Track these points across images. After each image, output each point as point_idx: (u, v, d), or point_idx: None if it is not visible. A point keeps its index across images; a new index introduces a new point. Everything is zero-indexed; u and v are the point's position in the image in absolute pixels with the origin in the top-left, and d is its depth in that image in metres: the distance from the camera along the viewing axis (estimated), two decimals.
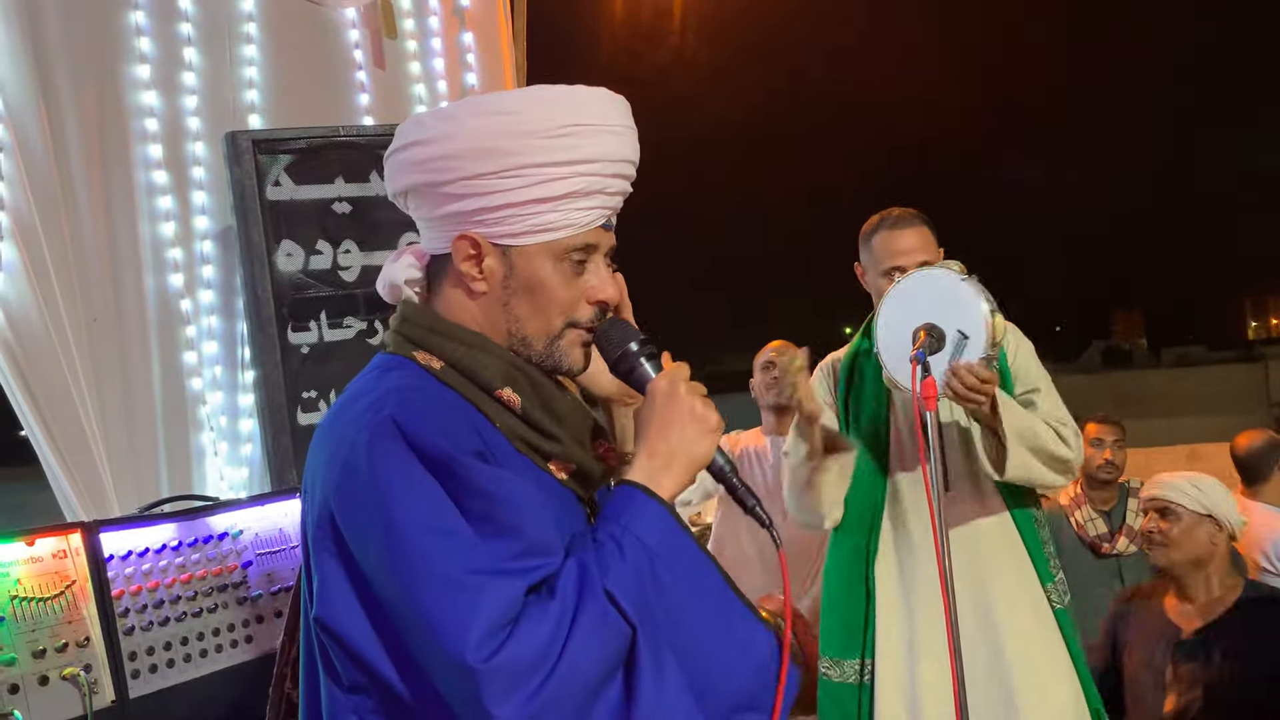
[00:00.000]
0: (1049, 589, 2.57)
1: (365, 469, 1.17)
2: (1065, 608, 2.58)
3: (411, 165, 1.29)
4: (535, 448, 1.29)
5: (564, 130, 1.25)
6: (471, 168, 1.25)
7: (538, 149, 1.24)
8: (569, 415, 1.32)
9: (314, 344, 2.90)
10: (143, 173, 2.84)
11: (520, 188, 1.24)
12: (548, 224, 1.26)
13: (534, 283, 1.28)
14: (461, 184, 1.25)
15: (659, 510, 1.22)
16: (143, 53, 2.86)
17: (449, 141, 1.26)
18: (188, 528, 2.31)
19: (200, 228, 2.93)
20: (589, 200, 1.28)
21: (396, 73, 3.39)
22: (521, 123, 1.25)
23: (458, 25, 3.56)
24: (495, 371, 1.28)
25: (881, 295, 2.52)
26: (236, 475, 2.94)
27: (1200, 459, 6.09)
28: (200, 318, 2.91)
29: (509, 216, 1.26)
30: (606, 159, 1.28)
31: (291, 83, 3.14)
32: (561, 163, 1.25)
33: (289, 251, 2.88)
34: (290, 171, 2.90)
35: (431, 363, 1.28)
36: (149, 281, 2.82)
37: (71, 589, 2.04)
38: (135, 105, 2.84)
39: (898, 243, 2.57)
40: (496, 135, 1.24)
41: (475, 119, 1.26)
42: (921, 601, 2.56)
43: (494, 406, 1.27)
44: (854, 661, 2.62)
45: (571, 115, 1.26)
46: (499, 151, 1.24)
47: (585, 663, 1.11)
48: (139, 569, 2.18)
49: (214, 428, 2.91)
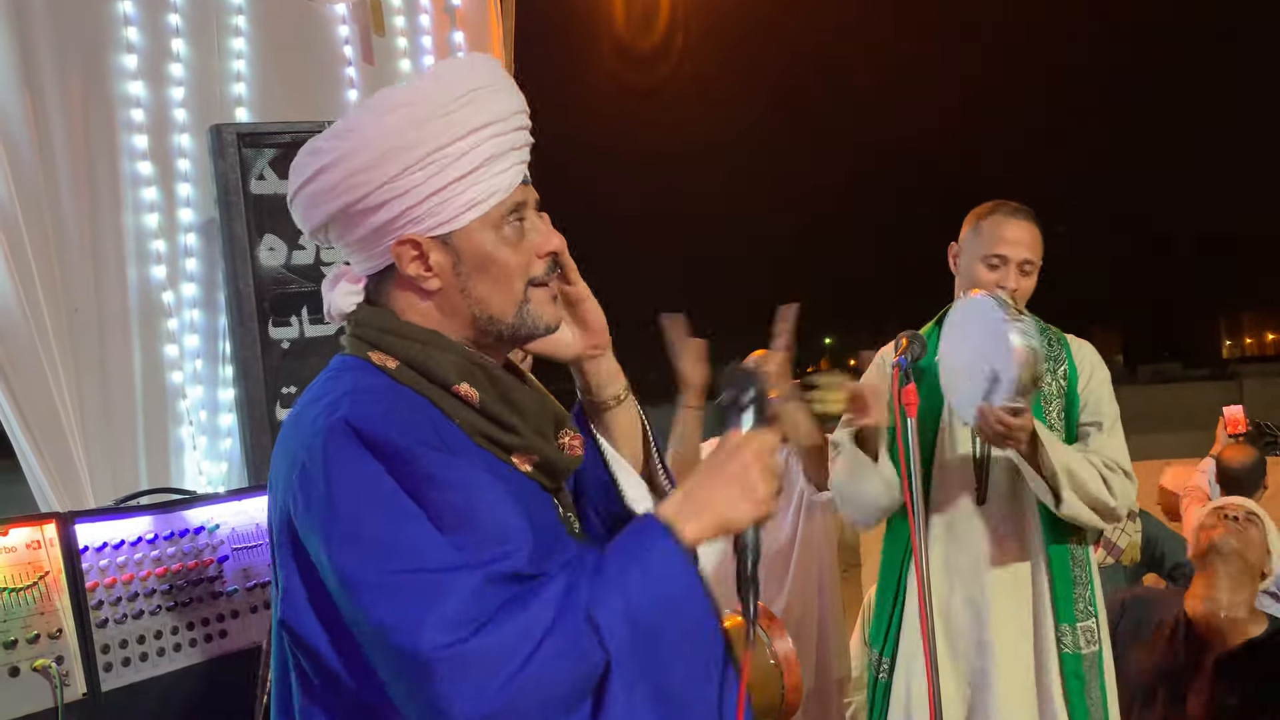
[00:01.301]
0: (1063, 629, 2.48)
1: (319, 474, 1.17)
2: (1080, 654, 2.47)
3: (323, 194, 1.28)
4: (495, 441, 1.28)
5: (456, 103, 1.24)
6: (385, 172, 1.23)
7: (439, 130, 1.24)
8: (529, 407, 1.32)
9: (295, 339, 2.88)
10: (127, 163, 2.82)
11: (436, 173, 1.24)
12: (474, 198, 1.26)
13: (483, 259, 1.28)
14: (379, 191, 1.24)
15: (674, 551, 1.20)
16: (130, 42, 2.84)
17: (352, 157, 1.24)
18: (164, 521, 2.29)
19: (184, 220, 2.91)
20: (504, 161, 1.27)
21: (385, 70, 3.38)
22: (415, 111, 1.24)
23: (448, 23, 3.56)
24: (450, 367, 1.27)
25: (972, 284, 2.47)
26: (215, 470, 2.92)
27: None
28: (182, 311, 2.89)
29: (436, 206, 1.25)
30: (504, 116, 1.28)
31: (279, 77, 3.13)
32: (464, 135, 1.24)
33: (271, 246, 2.87)
34: (275, 166, 2.89)
35: (386, 362, 1.28)
36: (131, 273, 2.80)
37: (45, 580, 2.03)
38: (121, 95, 2.83)
39: (1010, 230, 2.49)
40: (396, 132, 1.23)
41: (369, 125, 1.25)
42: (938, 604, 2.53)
43: (451, 402, 1.27)
44: (875, 651, 2.64)
45: (457, 87, 1.25)
46: (404, 147, 1.23)
47: (550, 676, 1.10)
48: (114, 561, 2.16)
49: (193, 421, 2.89)
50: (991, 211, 2.55)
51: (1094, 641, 2.52)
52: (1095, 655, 2.51)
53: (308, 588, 1.20)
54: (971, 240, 2.56)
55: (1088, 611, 2.52)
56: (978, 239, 2.54)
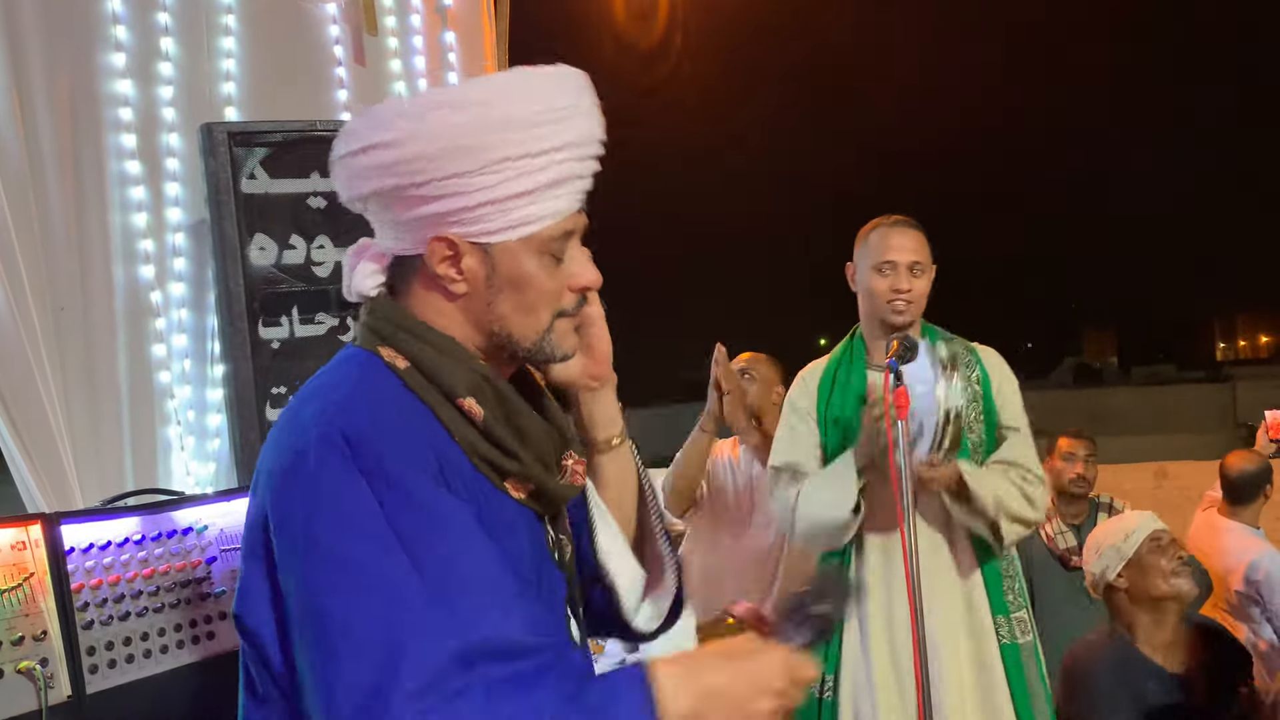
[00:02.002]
0: (999, 621, 2.56)
1: (305, 484, 1.12)
2: (1017, 643, 2.55)
3: (376, 169, 1.21)
4: (494, 465, 1.23)
5: (539, 117, 1.19)
6: (447, 167, 1.17)
7: (515, 141, 1.18)
8: (533, 433, 1.26)
9: (285, 339, 2.87)
10: (115, 162, 2.81)
11: (500, 183, 1.18)
12: (528, 217, 1.21)
13: (519, 279, 1.22)
14: (438, 184, 1.18)
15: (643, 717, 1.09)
16: (118, 41, 2.83)
17: (418, 141, 1.18)
18: (151, 522, 2.28)
19: (173, 220, 2.90)
20: (566, 187, 1.22)
21: (376, 70, 3.37)
22: (497, 115, 1.18)
23: (440, 24, 3.54)
24: (460, 379, 1.22)
25: (869, 294, 2.64)
26: (203, 470, 2.90)
27: (1168, 476, 6.15)
28: (170, 310, 2.88)
29: (488, 214, 1.19)
30: (582, 142, 1.23)
31: (269, 76, 3.11)
32: (539, 152, 1.19)
33: (262, 245, 2.85)
34: (266, 165, 2.87)
35: (396, 360, 1.22)
36: (118, 272, 2.79)
37: (30, 581, 2.01)
38: (109, 94, 2.81)
39: (894, 239, 2.65)
40: (471, 130, 1.17)
41: (444, 114, 1.18)
42: (880, 616, 2.56)
43: (453, 416, 1.21)
44: None
45: (545, 100, 1.20)
46: (475, 147, 1.17)
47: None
48: (100, 562, 2.14)
49: (181, 422, 2.87)
50: (876, 226, 2.71)
51: (1028, 631, 2.61)
52: (1031, 644, 2.60)
53: (270, 588, 1.15)
54: (862, 254, 2.71)
55: (1018, 603, 2.61)
56: (867, 251, 2.69)
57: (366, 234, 3.12)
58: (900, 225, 2.68)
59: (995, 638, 2.56)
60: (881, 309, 2.65)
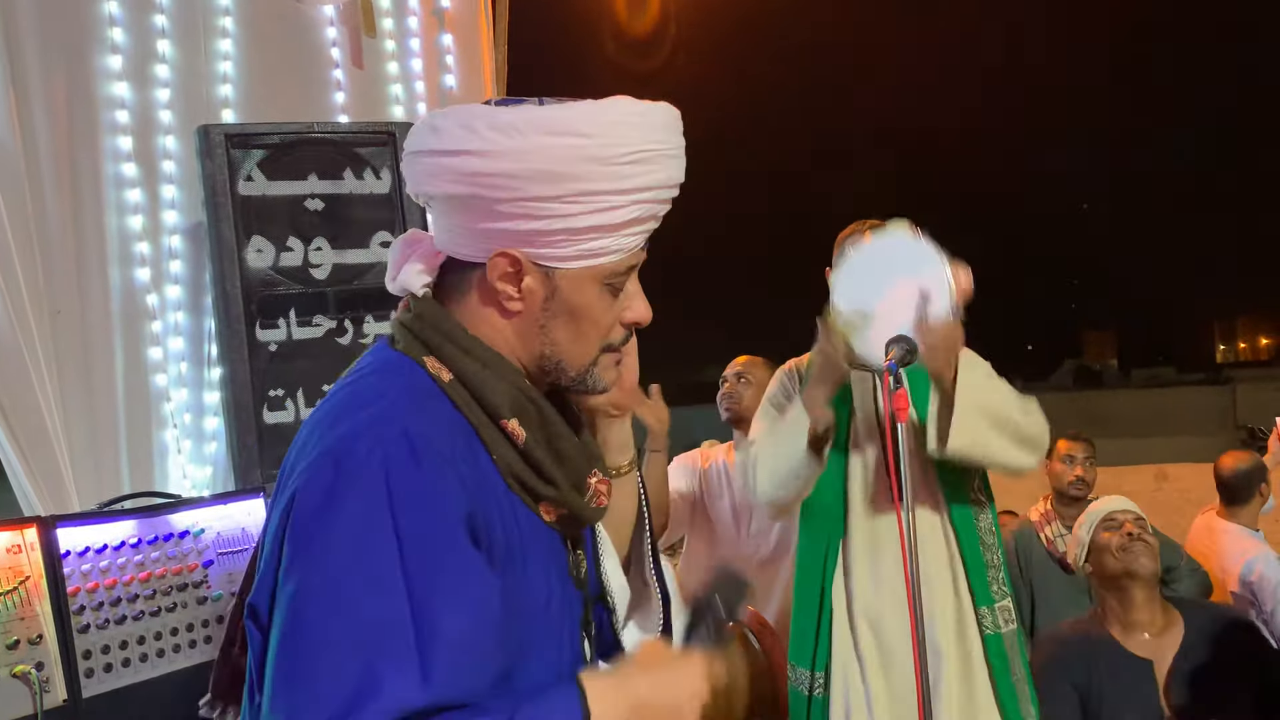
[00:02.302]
0: (982, 611, 2.54)
1: (332, 500, 1.10)
2: (1000, 633, 2.54)
3: (460, 175, 1.19)
4: (528, 487, 1.22)
5: (632, 157, 1.19)
6: (533, 189, 1.16)
7: (605, 175, 1.18)
8: (571, 456, 1.26)
9: (282, 342, 2.86)
10: (111, 165, 2.81)
11: (582, 214, 1.17)
12: (600, 250, 1.20)
13: (577, 307, 1.22)
14: (518, 204, 1.17)
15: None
16: (115, 43, 2.82)
17: (512, 160, 1.16)
18: (148, 525, 2.27)
19: (169, 222, 2.89)
20: (640, 225, 1.22)
21: (374, 72, 3.37)
22: (592, 147, 1.17)
23: (437, 26, 3.54)
24: (504, 398, 1.20)
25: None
26: (200, 473, 2.90)
27: (1168, 478, 6.14)
28: (167, 313, 2.87)
29: (562, 241, 1.18)
30: (665, 185, 1.23)
31: (266, 79, 3.11)
32: (626, 190, 1.19)
33: (259, 248, 2.85)
34: (263, 167, 2.87)
35: (441, 373, 1.20)
36: (115, 275, 2.78)
37: (25, 585, 2.00)
38: (106, 96, 2.81)
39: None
40: (565, 159, 1.16)
41: (544, 139, 1.16)
42: (869, 612, 2.56)
43: (495, 435, 1.20)
44: (805, 670, 2.62)
45: (640, 141, 1.19)
46: (565, 176, 1.16)
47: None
48: (96, 566, 2.14)
49: (178, 425, 2.87)
50: (850, 232, 2.70)
51: (1011, 620, 2.59)
52: (1014, 633, 2.59)
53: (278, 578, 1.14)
54: (838, 261, 2.66)
55: (1002, 591, 2.60)
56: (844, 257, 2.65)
57: (363, 237, 3.12)
58: (875, 231, 2.63)
59: (979, 628, 2.55)
60: None
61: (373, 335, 2.98)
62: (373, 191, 2.99)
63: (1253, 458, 4.25)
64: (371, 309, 2.97)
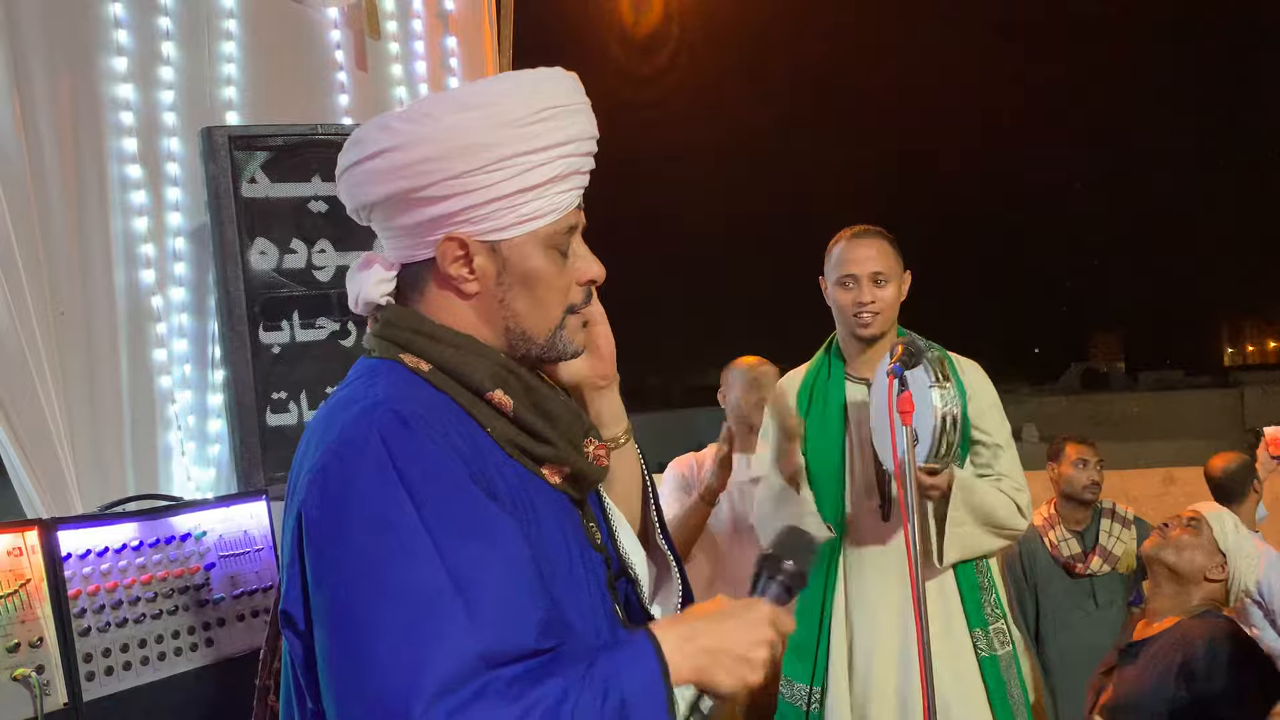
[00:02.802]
0: (976, 634, 2.55)
1: (341, 486, 1.13)
2: (996, 655, 2.54)
3: (385, 173, 1.24)
4: (528, 452, 1.26)
5: (540, 115, 1.23)
6: (456, 166, 1.21)
7: (518, 138, 1.22)
8: (561, 416, 1.29)
9: (285, 344, 2.86)
10: (116, 166, 2.80)
11: (505, 180, 1.22)
12: (533, 212, 1.24)
13: (529, 274, 1.26)
14: (445, 184, 1.21)
15: (657, 681, 1.13)
16: (120, 45, 2.82)
17: (426, 144, 1.21)
18: (149, 527, 2.27)
19: (173, 224, 2.89)
20: (567, 183, 1.26)
21: (378, 75, 3.36)
22: (500, 113, 1.22)
23: (441, 29, 3.54)
24: (485, 373, 1.25)
25: (836, 308, 2.65)
26: (204, 476, 2.89)
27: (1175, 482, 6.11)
28: (171, 315, 2.87)
29: (496, 211, 1.23)
30: (580, 138, 1.27)
31: (271, 81, 3.11)
32: (541, 148, 1.23)
33: (263, 249, 2.85)
34: (266, 169, 2.86)
35: (419, 365, 1.25)
36: (119, 277, 2.78)
37: (26, 588, 2.00)
38: (111, 98, 2.80)
39: (855, 251, 2.64)
40: (474, 130, 1.21)
41: (451, 116, 1.22)
42: (875, 629, 2.55)
43: (485, 411, 1.24)
44: (803, 686, 2.61)
45: (545, 99, 1.24)
46: (479, 146, 1.21)
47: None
48: (97, 569, 2.13)
49: (182, 427, 2.86)
50: (838, 239, 2.71)
51: (1006, 642, 2.59)
52: (1010, 655, 2.58)
53: (304, 589, 1.16)
54: (829, 267, 2.71)
55: (996, 614, 2.60)
56: (832, 267, 2.69)
57: (367, 240, 3.13)
58: (861, 236, 2.66)
59: (974, 651, 2.54)
60: (849, 322, 2.65)
61: None
62: None
63: (1241, 458, 4.26)
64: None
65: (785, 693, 2.64)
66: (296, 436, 2.81)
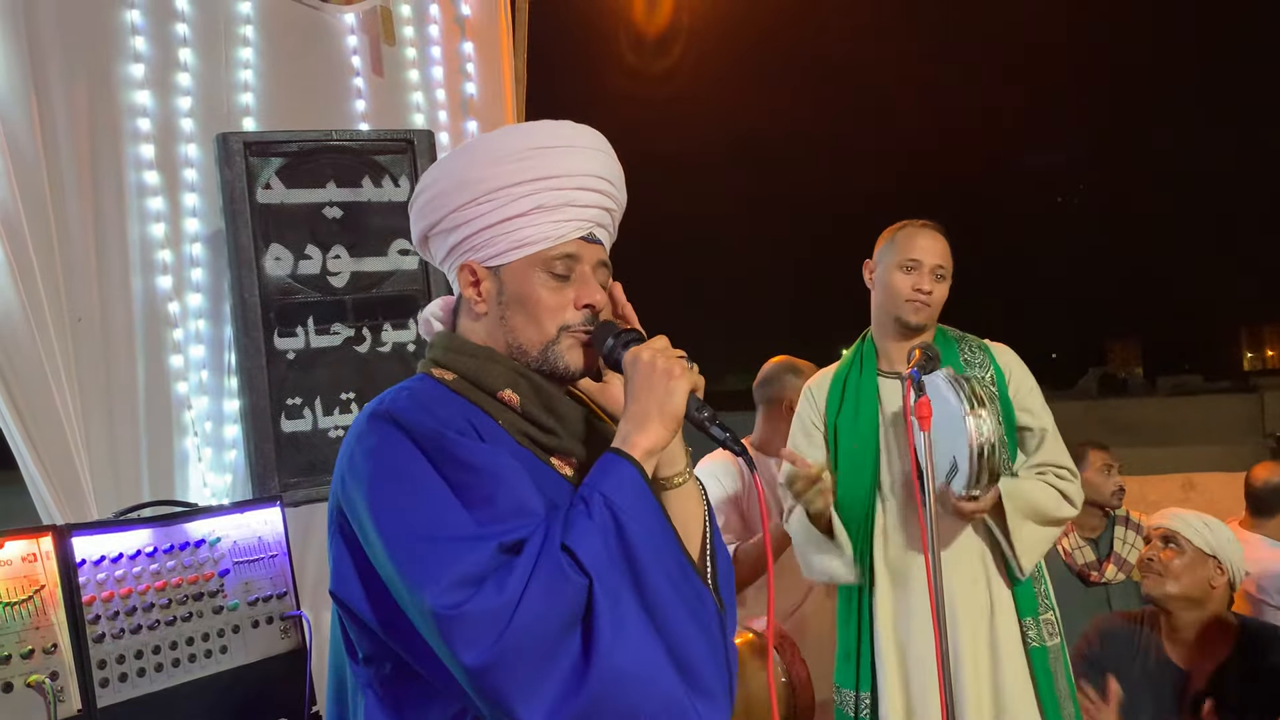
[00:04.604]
0: (1027, 623, 2.52)
1: (357, 450, 1.34)
2: (1045, 646, 2.52)
3: (417, 212, 1.49)
4: (536, 442, 1.41)
5: (526, 153, 1.41)
6: (455, 200, 1.43)
7: (504, 173, 1.41)
8: (569, 414, 1.44)
9: (300, 350, 2.86)
10: (133, 173, 2.81)
11: (494, 209, 1.41)
12: (525, 239, 1.41)
13: (523, 294, 1.42)
14: (450, 217, 1.43)
15: (627, 469, 1.32)
16: (137, 52, 2.83)
17: (438, 183, 1.45)
18: (164, 533, 2.26)
19: (190, 230, 2.89)
20: (560, 213, 1.42)
21: (394, 80, 3.36)
22: (491, 152, 1.42)
23: (458, 34, 3.53)
24: (498, 377, 1.42)
25: (888, 291, 2.62)
26: (220, 482, 2.89)
27: (1195, 488, 6.04)
28: (188, 321, 2.87)
29: (492, 238, 1.42)
30: (569, 174, 1.42)
31: (287, 87, 3.11)
32: (524, 181, 1.40)
33: (277, 255, 2.85)
34: (281, 175, 2.87)
35: (445, 376, 1.43)
36: (136, 283, 2.79)
37: (40, 594, 2.00)
38: (128, 104, 2.81)
39: (922, 240, 2.63)
40: (469, 167, 1.43)
41: (453, 158, 1.46)
42: (915, 631, 2.52)
43: (496, 406, 1.41)
44: (849, 691, 2.59)
45: (534, 140, 1.43)
46: (473, 181, 1.42)
47: (539, 611, 1.21)
48: (112, 575, 2.13)
49: (199, 433, 2.86)
50: (904, 226, 2.70)
51: (1055, 634, 2.57)
52: (1059, 648, 2.56)
53: (352, 558, 1.34)
54: (887, 251, 2.68)
55: (1046, 604, 2.58)
56: (893, 250, 2.66)
57: (381, 245, 3.13)
58: (929, 228, 2.66)
59: (1022, 641, 2.51)
60: (899, 306, 2.59)
61: (391, 344, 2.97)
62: (391, 199, 2.98)
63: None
64: (390, 316, 2.96)
65: (836, 700, 2.63)
66: (311, 442, 2.85)
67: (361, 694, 1.36)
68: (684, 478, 1.43)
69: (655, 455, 1.35)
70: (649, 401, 1.34)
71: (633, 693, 1.24)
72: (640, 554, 1.28)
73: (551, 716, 1.21)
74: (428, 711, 1.32)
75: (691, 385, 1.36)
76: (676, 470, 1.43)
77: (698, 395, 1.38)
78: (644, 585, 1.28)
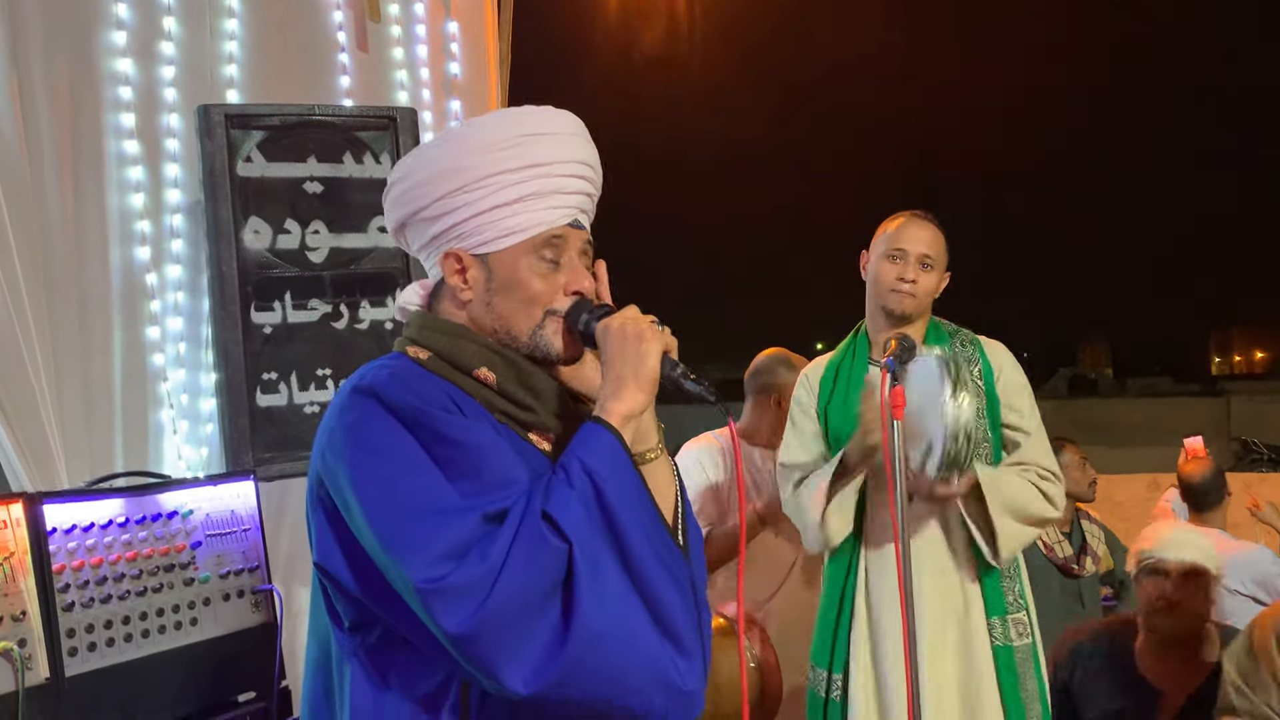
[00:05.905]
0: (993, 622, 2.53)
1: (338, 425, 1.34)
2: (1011, 645, 2.52)
3: (394, 202, 1.48)
4: (513, 418, 1.42)
5: (515, 140, 1.42)
6: (441, 189, 1.42)
7: (493, 160, 1.41)
8: (545, 391, 1.45)
9: (277, 325, 2.85)
10: (113, 142, 2.78)
11: (483, 197, 1.41)
12: (514, 227, 1.42)
13: (511, 281, 1.43)
14: (435, 205, 1.42)
15: (605, 436, 1.34)
16: (119, 19, 2.80)
17: (419, 172, 1.44)
18: (136, 504, 2.26)
19: (171, 201, 2.87)
20: (548, 200, 1.43)
21: (379, 57, 3.35)
22: (477, 140, 1.42)
23: (443, 13, 3.52)
24: (473, 355, 1.42)
25: (875, 281, 2.63)
26: (195, 454, 2.88)
27: (1161, 487, 6.13)
28: (166, 293, 2.85)
29: (480, 226, 1.41)
30: (557, 160, 1.43)
31: (271, 60, 3.09)
32: (515, 169, 1.41)
33: (256, 229, 2.83)
34: (262, 148, 2.85)
35: (420, 354, 1.43)
36: (114, 253, 2.76)
37: (10, 561, 1.99)
38: (109, 72, 2.78)
39: (912, 230, 2.63)
40: (454, 155, 1.42)
41: (434, 147, 1.46)
42: (885, 617, 2.54)
43: (472, 384, 1.41)
44: (823, 670, 2.61)
45: (521, 128, 1.43)
46: (459, 169, 1.41)
47: (520, 579, 1.23)
48: (83, 544, 2.12)
49: (174, 405, 2.85)
50: (897, 217, 2.72)
51: (1026, 634, 2.56)
52: (1029, 648, 2.55)
53: (334, 530, 1.34)
54: (879, 243, 2.70)
55: (1018, 604, 2.57)
56: (884, 239, 2.68)
57: (361, 221, 3.11)
58: (920, 218, 2.67)
59: (989, 638, 2.53)
60: (885, 295, 2.60)
61: (368, 321, 2.96)
62: (372, 176, 2.97)
63: (1211, 463, 4.34)
64: (368, 294, 2.95)
65: (810, 679, 2.64)
66: (286, 418, 2.85)
67: (347, 663, 1.38)
68: (655, 454, 1.45)
69: (634, 420, 1.37)
70: (623, 367, 1.36)
71: (614, 654, 1.26)
72: (620, 517, 1.30)
73: (534, 679, 1.24)
74: (414, 678, 1.33)
75: (664, 346, 1.38)
76: (649, 446, 1.45)
77: (671, 356, 1.39)
78: (625, 548, 1.30)
